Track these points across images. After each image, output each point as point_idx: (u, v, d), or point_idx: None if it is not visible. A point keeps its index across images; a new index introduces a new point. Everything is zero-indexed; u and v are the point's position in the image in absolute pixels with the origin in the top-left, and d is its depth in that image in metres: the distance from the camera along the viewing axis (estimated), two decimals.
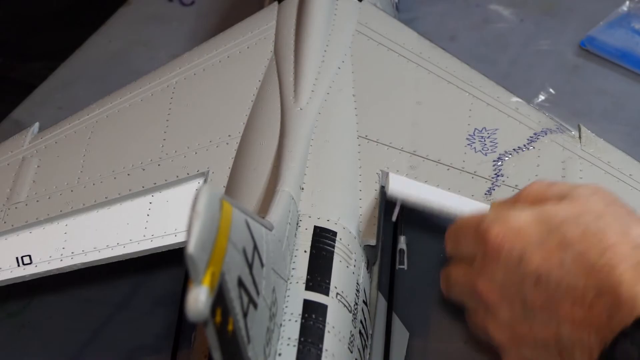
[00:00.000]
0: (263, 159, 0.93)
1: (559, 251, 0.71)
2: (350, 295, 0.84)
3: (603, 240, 0.70)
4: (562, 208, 0.74)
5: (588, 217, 0.72)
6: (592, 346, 0.69)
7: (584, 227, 0.71)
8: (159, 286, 1.05)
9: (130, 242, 0.92)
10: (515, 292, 0.73)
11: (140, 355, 1.01)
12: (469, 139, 0.96)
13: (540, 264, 0.72)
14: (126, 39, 1.40)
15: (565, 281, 0.71)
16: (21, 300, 1.05)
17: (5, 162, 1.01)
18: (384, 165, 0.94)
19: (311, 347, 0.78)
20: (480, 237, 0.76)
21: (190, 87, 1.03)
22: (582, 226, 0.72)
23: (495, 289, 0.75)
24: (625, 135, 1.19)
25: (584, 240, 0.71)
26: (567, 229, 0.72)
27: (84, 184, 0.97)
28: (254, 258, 0.69)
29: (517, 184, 0.92)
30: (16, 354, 1.02)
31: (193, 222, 0.60)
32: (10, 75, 1.43)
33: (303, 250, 0.84)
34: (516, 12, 1.38)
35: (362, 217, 0.90)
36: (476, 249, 0.76)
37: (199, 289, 0.59)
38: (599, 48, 1.30)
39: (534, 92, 1.26)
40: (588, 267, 0.70)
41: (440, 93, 1.00)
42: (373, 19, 1.07)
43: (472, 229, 0.77)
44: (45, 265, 0.92)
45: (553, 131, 0.97)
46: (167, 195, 0.95)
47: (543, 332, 0.73)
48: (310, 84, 0.99)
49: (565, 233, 0.72)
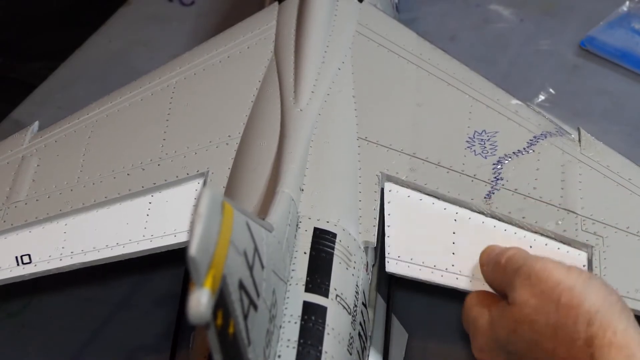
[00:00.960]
0: (263, 160, 0.93)
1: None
2: (350, 297, 0.84)
3: (543, 350, 0.75)
4: (503, 323, 0.79)
5: (523, 329, 0.76)
6: None
7: (524, 342, 0.77)
8: (158, 286, 1.06)
9: (130, 242, 0.92)
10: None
11: (140, 355, 1.01)
12: (469, 141, 0.96)
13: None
14: (126, 39, 1.40)
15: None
16: (21, 300, 1.06)
17: (5, 161, 1.01)
18: (384, 166, 0.94)
19: (311, 349, 0.78)
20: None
21: (190, 87, 1.03)
22: (522, 342, 0.77)
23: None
24: (626, 136, 1.20)
25: (530, 354, 0.76)
26: (513, 347, 0.78)
27: (83, 183, 0.97)
28: (255, 260, 0.70)
29: (517, 188, 0.92)
30: (16, 354, 1.02)
31: (195, 224, 0.60)
32: (10, 75, 1.43)
33: (303, 251, 0.84)
34: (516, 12, 1.38)
35: (361, 218, 0.90)
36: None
37: (201, 291, 0.59)
38: (599, 48, 1.31)
39: (534, 92, 1.26)
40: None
41: (440, 95, 1.00)
42: (373, 20, 1.07)
43: (467, 330, 0.84)
44: (45, 264, 0.92)
45: (553, 134, 0.97)
46: (166, 196, 0.95)
47: None
48: (311, 85, 0.99)
49: (515, 350, 0.78)
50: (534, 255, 0.79)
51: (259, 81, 1.02)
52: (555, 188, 0.93)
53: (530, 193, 0.92)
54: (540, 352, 0.74)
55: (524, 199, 0.92)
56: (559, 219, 0.91)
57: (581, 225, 0.90)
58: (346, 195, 0.91)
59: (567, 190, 0.93)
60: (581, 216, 0.91)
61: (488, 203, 0.92)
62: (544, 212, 0.91)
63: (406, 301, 1.00)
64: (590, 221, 0.91)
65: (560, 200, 0.92)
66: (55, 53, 1.39)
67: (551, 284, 0.75)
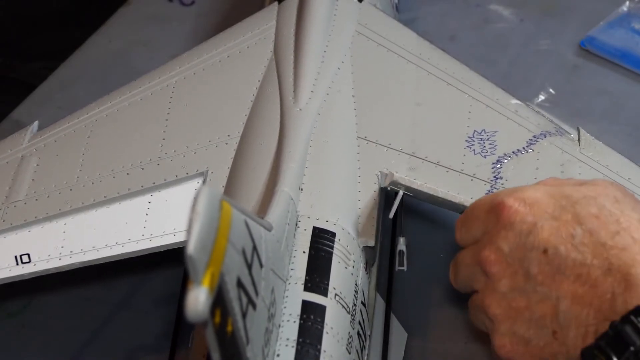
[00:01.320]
0: (262, 159, 0.93)
1: (571, 226, 0.72)
2: (349, 296, 0.84)
3: (618, 222, 0.71)
4: (581, 189, 0.75)
5: (605, 200, 0.73)
6: (588, 326, 0.70)
7: (601, 207, 0.72)
8: (158, 286, 1.05)
9: (129, 241, 0.92)
10: (519, 262, 0.74)
11: (140, 355, 1.01)
12: (469, 140, 0.96)
13: (549, 236, 0.72)
14: (126, 39, 1.39)
15: (572, 255, 0.71)
16: (21, 300, 1.05)
17: (4, 161, 1.01)
18: (383, 166, 0.94)
19: (309, 348, 0.78)
20: (494, 210, 0.76)
21: (190, 86, 1.03)
22: (599, 206, 0.72)
23: (499, 258, 0.75)
24: (626, 136, 1.19)
25: (599, 219, 0.71)
26: (583, 207, 0.72)
27: (83, 182, 0.97)
28: (253, 259, 0.70)
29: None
30: (16, 354, 1.02)
31: (193, 222, 0.60)
32: (10, 75, 1.42)
33: (302, 250, 0.84)
34: (516, 12, 1.38)
35: (361, 218, 0.90)
36: (488, 224, 0.77)
37: (199, 289, 0.59)
38: (599, 48, 1.30)
39: (534, 92, 1.26)
40: (599, 245, 0.70)
41: (440, 94, 1.00)
42: (373, 20, 1.07)
43: (485, 206, 0.78)
44: (44, 264, 0.92)
45: (552, 134, 0.97)
46: (166, 195, 0.95)
47: (541, 307, 0.73)
48: (310, 85, 0.99)
49: (581, 210, 0.72)
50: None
51: (259, 81, 1.02)
52: None
53: None
54: (612, 223, 0.72)
55: None
56: None
57: None
58: (345, 195, 0.91)
59: None
60: None
61: None
62: None
63: (405, 301, 0.99)
64: None
65: None
66: (55, 53, 1.38)
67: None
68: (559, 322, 0.71)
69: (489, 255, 0.76)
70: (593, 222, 0.72)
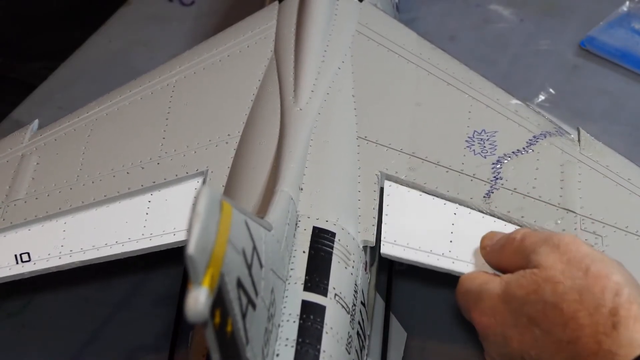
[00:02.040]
0: (262, 159, 0.93)
1: (530, 329, 0.77)
2: (349, 296, 0.84)
3: (562, 314, 0.74)
4: (524, 281, 0.78)
5: (545, 289, 0.76)
6: None
7: (543, 302, 0.76)
8: (158, 286, 1.06)
9: (129, 240, 0.92)
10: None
11: (140, 355, 1.01)
12: (468, 141, 0.96)
13: (520, 343, 0.77)
14: (126, 39, 1.40)
15: (543, 358, 0.76)
16: (21, 300, 1.06)
17: (5, 159, 1.01)
18: (383, 166, 0.94)
19: (309, 348, 0.78)
20: (468, 315, 0.83)
21: (190, 85, 1.03)
22: (541, 303, 0.76)
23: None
24: (626, 136, 1.20)
25: (547, 316, 0.75)
26: (531, 306, 0.76)
27: (83, 182, 0.97)
28: (253, 259, 0.70)
29: (516, 187, 0.92)
30: (16, 354, 1.02)
31: (193, 223, 0.60)
32: (10, 75, 1.42)
33: (302, 250, 0.84)
34: (516, 12, 1.38)
35: (360, 218, 0.90)
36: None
37: (199, 290, 0.59)
38: (599, 48, 1.31)
39: (534, 92, 1.26)
40: (556, 343, 0.75)
41: (440, 94, 1.00)
42: (373, 20, 1.07)
43: (463, 303, 0.84)
44: (44, 263, 0.92)
45: (552, 134, 0.97)
46: (166, 194, 0.95)
47: None
48: (310, 84, 0.99)
49: (529, 312, 0.76)
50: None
51: (259, 80, 1.02)
52: (554, 187, 0.93)
53: (530, 192, 0.92)
54: (558, 316, 0.74)
55: (523, 198, 0.92)
56: (558, 219, 0.91)
57: (580, 224, 0.90)
58: (345, 195, 0.91)
59: (566, 190, 0.93)
60: (580, 215, 0.91)
61: (487, 202, 0.92)
62: (543, 212, 0.91)
63: (405, 300, 1.00)
64: (589, 220, 0.91)
65: (559, 199, 0.92)
66: (55, 53, 1.39)
67: (580, 254, 0.77)
68: None
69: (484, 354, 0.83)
70: (544, 321, 0.75)
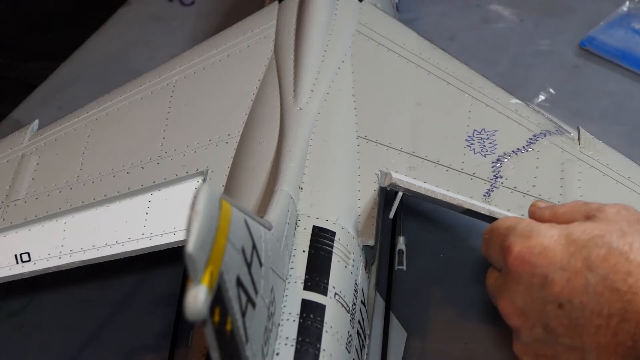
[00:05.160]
0: (262, 159, 0.93)
1: (583, 274, 0.71)
2: (349, 295, 0.84)
3: (628, 261, 0.70)
4: (587, 227, 0.73)
5: (612, 236, 0.71)
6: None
7: (609, 246, 0.71)
8: (158, 286, 1.05)
9: (129, 240, 0.92)
10: (536, 315, 0.73)
11: (140, 355, 1.01)
12: (468, 140, 0.96)
13: (563, 288, 0.71)
14: (126, 39, 1.40)
15: (589, 307, 0.70)
16: (21, 300, 1.06)
17: (5, 159, 1.01)
18: (383, 165, 0.94)
19: (309, 347, 0.78)
20: (503, 251, 0.75)
21: (190, 85, 1.04)
22: (607, 246, 0.71)
23: (515, 311, 0.74)
24: (626, 136, 1.19)
25: (608, 262, 0.70)
26: (591, 250, 0.71)
27: (83, 181, 0.97)
28: (253, 257, 0.70)
29: (516, 186, 0.93)
30: (16, 354, 1.02)
31: (192, 221, 0.60)
32: (10, 75, 1.43)
33: (302, 250, 0.84)
34: (516, 12, 1.38)
35: (360, 217, 0.90)
36: (501, 262, 0.76)
37: (198, 288, 0.59)
38: (599, 48, 1.30)
39: (534, 92, 1.26)
40: (612, 291, 0.70)
41: (440, 94, 1.01)
42: (373, 19, 1.07)
43: (499, 239, 0.76)
44: (44, 263, 0.92)
45: (552, 133, 0.97)
46: (166, 194, 0.95)
47: (568, 356, 0.73)
48: (310, 84, 0.99)
49: (590, 254, 0.71)
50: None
51: (259, 80, 1.02)
52: (554, 186, 0.93)
53: (530, 191, 0.92)
54: (622, 262, 0.70)
55: (523, 197, 0.92)
56: None
57: None
58: (345, 194, 0.91)
59: (566, 188, 0.93)
60: None
61: (487, 201, 0.92)
62: None
63: (405, 300, 0.99)
64: None
65: (559, 198, 0.92)
66: (55, 53, 1.39)
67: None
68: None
69: (504, 307, 0.75)
70: (604, 266, 0.70)
